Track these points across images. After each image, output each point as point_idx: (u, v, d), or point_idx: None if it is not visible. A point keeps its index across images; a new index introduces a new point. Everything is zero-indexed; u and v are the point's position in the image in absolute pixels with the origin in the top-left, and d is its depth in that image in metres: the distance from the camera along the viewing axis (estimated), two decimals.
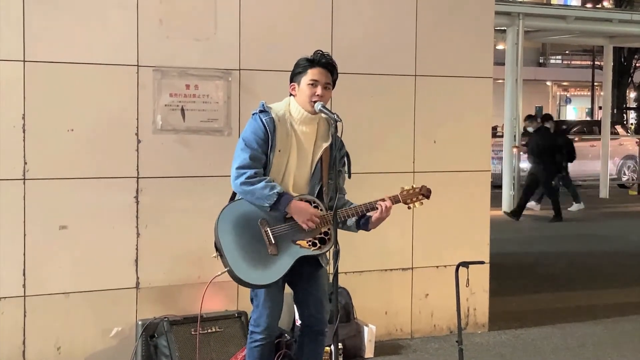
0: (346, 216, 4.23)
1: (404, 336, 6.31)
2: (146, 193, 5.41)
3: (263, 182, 4.10)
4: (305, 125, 4.26)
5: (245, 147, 4.17)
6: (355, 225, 4.35)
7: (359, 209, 4.24)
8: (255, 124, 4.21)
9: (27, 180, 5.13)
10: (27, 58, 5.11)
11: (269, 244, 4.14)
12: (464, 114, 6.43)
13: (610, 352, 6.13)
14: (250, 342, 4.31)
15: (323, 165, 4.29)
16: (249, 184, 4.11)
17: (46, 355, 5.21)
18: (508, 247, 10.72)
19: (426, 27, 6.25)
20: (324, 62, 4.24)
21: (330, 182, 4.28)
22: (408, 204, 4.35)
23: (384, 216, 4.26)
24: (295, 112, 4.26)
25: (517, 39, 15.16)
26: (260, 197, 4.10)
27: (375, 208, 4.24)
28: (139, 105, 5.39)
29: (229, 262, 4.11)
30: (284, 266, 4.14)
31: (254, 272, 4.12)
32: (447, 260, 6.23)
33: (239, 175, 4.13)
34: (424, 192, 4.39)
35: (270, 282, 4.15)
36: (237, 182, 4.14)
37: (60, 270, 5.24)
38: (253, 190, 4.10)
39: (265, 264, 4.12)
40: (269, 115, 4.20)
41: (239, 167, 4.14)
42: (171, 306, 5.45)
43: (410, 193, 4.35)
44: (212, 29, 5.57)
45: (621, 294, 8.23)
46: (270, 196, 4.08)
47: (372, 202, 4.25)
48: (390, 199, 4.28)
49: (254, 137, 4.17)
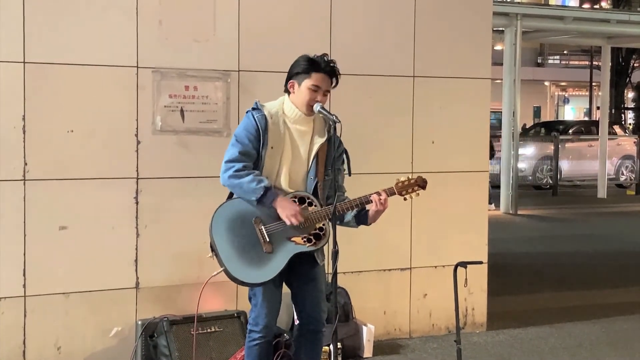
0: (341, 211, 4.21)
1: (403, 336, 6.33)
2: (146, 193, 5.43)
3: (251, 176, 4.10)
4: (299, 123, 4.27)
5: (236, 142, 4.18)
6: (355, 220, 4.34)
7: (354, 202, 4.23)
8: (247, 120, 4.22)
9: (27, 181, 5.15)
10: (27, 59, 5.12)
11: (263, 242, 4.15)
12: (462, 115, 6.45)
13: (607, 351, 6.15)
14: (249, 341, 4.32)
15: (319, 161, 4.30)
16: (236, 177, 4.11)
17: (46, 355, 5.23)
18: (506, 247, 10.74)
19: (424, 28, 6.27)
20: (329, 69, 4.23)
21: (326, 178, 4.30)
22: (404, 195, 4.32)
23: (381, 209, 4.24)
24: (290, 112, 4.27)
25: (515, 39, 15.19)
26: (247, 190, 4.11)
27: (371, 201, 4.24)
28: (138, 106, 5.40)
29: (224, 261, 4.12)
30: (279, 264, 4.15)
31: (249, 271, 4.12)
32: (445, 260, 6.25)
33: (228, 169, 4.14)
34: (420, 183, 4.35)
35: (266, 280, 4.16)
36: (225, 175, 4.15)
37: (60, 270, 5.25)
38: (240, 184, 4.11)
39: (260, 262, 4.13)
40: (261, 113, 4.21)
41: (228, 160, 4.16)
42: (171, 306, 5.46)
43: (406, 185, 4.32)
44: (211, 31, 5.59)
45: (618, 294, 8.26)
46: (257, 190, 4.08)
47: (367, 195, 4.24)
48: (385, 191, 4.26)
49: (245, 133, 4.18)
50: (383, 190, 4.26)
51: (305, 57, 4.27)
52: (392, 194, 4.30)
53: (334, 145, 4.22)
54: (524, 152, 19.22)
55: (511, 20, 15.17)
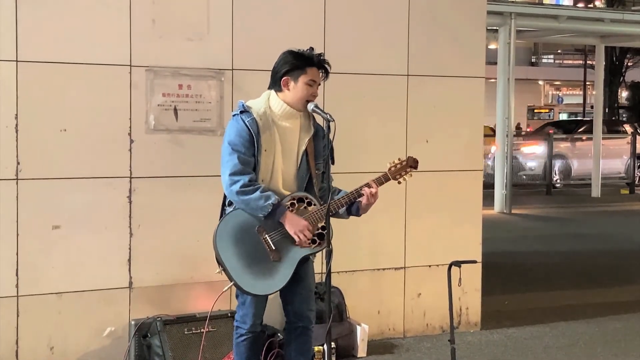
0: (336, 207, 4.25)
1: (397, 335, 6.32)
2: (139, 193, 5.41)
3: (257, 192, 4.09)
4: (287, 120, 4.26)
5: (233, 151, 4.14)
6: (346, 212, 4.36)
7: (347, 198, 4.25)
8: (238, 125, 4.18)
9: (20, 180, 5.13)
10: (20, 58, 5.10)
11: (269, 250, 4.15)
12: (456, 114, 6.45)
13: (601, 350, 6.15)
14: (237, 337, 4.34)
15: (309, 157, 4.30)
16: (243, 193, 4.09)
17: (39, 355, 5.21)
18: (500, 246, 10.74)
19: (418, 27, 6.26)
20: (321, 62, 4.26)
21: (317, 172, 4.30)
22: (397, 179, 4.33)
23: (372, 201, 4.27)
24: (277, 108, 4.25)
25: (509, 38, 15.18)
26: (255, 207, 4.10)
27: (362, 194, 4.25)
28: (131, 105, 5.39)
29: (234, 276, 4.13)
30: (288, 270, 4.18)
31: (260, 282, 4.15)
32: (439, 260, 6.24)
33: (233, 183, 4.11)
34: (411, 163, 4.35)
35: (278, 289, 4.21)
36: (232, 190, 4.12)
37: (54, 270, 5.24)
38: (248, 200, 4.10)
39: (269, 271, 4.15)
40: (251, 116, 4.18)
41: (232, 173, 4.11)
42: (164, 306, 5.45)
43: (398, 168, 4.32)
44: (204, 29, 5.57)
45: (613, 293, 8.26)
46: (265, 207, 4.08)
47: (358, 188, 4.25)
48: (375, 181, 4.27)
49: (240, 140, 4.14)
50: (373, 181, 4.27)
51: (292, 53, 4.28)
52: (387, 179, 4.31)
53: (321, 137, 4.25)
54: (534, 151, 19.33)
55: (505, 19, 15.16)
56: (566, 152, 20.51)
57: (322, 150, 4.29)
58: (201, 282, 5.43)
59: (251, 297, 4.24)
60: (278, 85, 4.27)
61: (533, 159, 19.57)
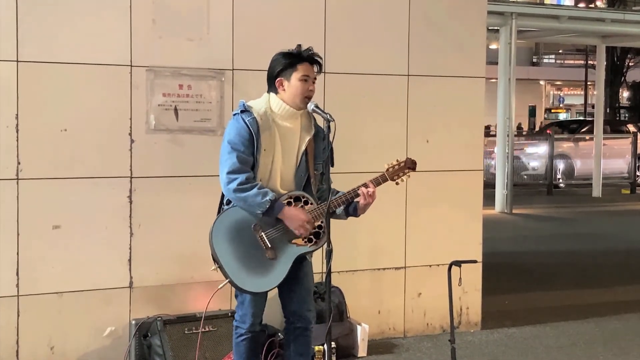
0: (334, 207, 4.25)
1: (397, 335, 6.33)
2: (139, 193, 5.42)
3: (255, 189, 4.10)
4: (288, 120, 4.27)
5: (232, 150, 4.15)
6: (345, 212, 4.36)
7: (345, 197, 4.25)
8: (238, 125, 4.19)
9: (20, 180, 5.13)
10: (20, 58, 5.11)
11: (265, 248, 4.15)
12: (456, 114, 6.45)
13: (601, 350, 6.16)
14: (237, 337, 4.35)
15: (308, 157, 4.31)
16: (240, 190, 4.10)
17: (39, 355, 5.22)
18: (501, 246, 10.74)
19: (419, 27, 6.26)
20: (310, 57, 4.26)
21: (316, 172, 4.30)
22: (395, 180, 4.33)
23: (369, 201, 4.27)
24: (277, 108, 4.26)
25: (510, 38, 15.18)
26: (252, 204, 4.11)
27: (359, 194, 4.26)
28: (132, 105, 5.39)
29: (229, 274, 4.13)
30: (284, 268, 4.18)
31: (255, 280, 4.14)
32: (439, 259, 6.24)
33: (231, 181, 4.11)
34: (409, 165, 4.35)
35: (273, 287, 4.20)
36: (229, 188, 4.13)
37: (54, 269, 5.24)
38: (245, 198, 4.10)
39: (265, 270, 4.15)
40: (252, 116, 4.19)
41: (230, 171, 4.12)
42: (164, 306, 5.45)
43: (396, 169, 4.33)
44: (205, 29, 5.58)
45: (613, 293, 8.26)
46: (263, 204, 4.09)
47: (356, 188, 4.26)
48: (372, 182, 4.27)
49: (240, 139, 4.15)
50: (370, 182, 4.28)
51: (281, 53, 4.30)
52: (384, 180, 4.32)
53: (321, 138, 4.25)
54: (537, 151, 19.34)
55: (506, 19, 15.16)
56: (569, 152, 20.50)
57: (322, 152, 4.29)
58: (201, 282, 5.44)
59: (250, 297, 4.24)
60: (274, 87, 4.28)
61: (536, 159, 19.57)
